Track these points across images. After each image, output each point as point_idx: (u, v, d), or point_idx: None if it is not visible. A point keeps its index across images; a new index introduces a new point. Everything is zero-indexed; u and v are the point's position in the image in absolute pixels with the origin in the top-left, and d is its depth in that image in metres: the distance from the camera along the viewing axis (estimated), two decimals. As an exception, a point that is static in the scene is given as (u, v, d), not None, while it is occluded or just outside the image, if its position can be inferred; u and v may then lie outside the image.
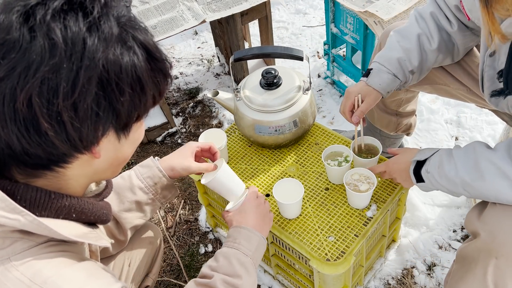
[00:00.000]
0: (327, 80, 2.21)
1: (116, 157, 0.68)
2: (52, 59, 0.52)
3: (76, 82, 0.53)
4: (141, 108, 0.63)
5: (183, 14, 1.80)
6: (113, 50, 0.56)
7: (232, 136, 1.47)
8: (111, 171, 0.71)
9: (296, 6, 2.77)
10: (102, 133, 0.60)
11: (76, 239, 0.62)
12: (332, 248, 1.12)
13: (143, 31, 0.62)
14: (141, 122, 0.68)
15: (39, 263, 0.59)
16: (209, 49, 2.60)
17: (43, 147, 0.56)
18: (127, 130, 0.64)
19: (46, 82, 0.52)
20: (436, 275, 1.45)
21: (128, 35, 0.58)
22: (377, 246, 1.35)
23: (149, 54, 0.61)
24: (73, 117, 0.55)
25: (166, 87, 0.67)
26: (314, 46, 2.46)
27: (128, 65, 0.57)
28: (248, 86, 1.32)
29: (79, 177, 0.66)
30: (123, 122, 0.61)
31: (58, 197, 0.62)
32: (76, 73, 0.53)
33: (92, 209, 0.69)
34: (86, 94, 0.54)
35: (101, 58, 0.54)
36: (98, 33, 0.55)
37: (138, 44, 0.59)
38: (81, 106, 0.54)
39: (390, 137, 1.64)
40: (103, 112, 0.57)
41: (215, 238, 1.68)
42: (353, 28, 1.78)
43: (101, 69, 0.54)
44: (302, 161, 1.35)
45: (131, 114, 0.61)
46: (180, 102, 2.30)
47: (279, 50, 1.26)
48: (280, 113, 1.27)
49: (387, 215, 1.24)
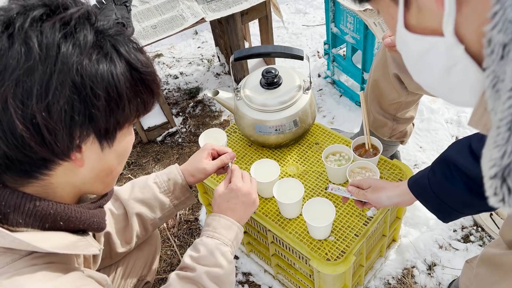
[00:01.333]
0: (327, 80, 2.21)
1: (102, 168, 0.67)
2: (27, 62, 0.54)
3: (50, 85, 0.55)
4: (121, 116, 0.63)
5: (183, 13, 1.80)
6: (88, 56, 0.57)
7: (232, 136, 1.47)
8: (101, 184, 0.71)
9: (296, 6, 2.77)
10: (80, 138, 0.60)
11: (59, 251, 0.62)
12: (332, 248, 1.12)
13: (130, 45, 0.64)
14: (126, 133, 0.68)
15: (22, 277, 0.59)
16: (209, 48, 2.60)
17: (21, 151, 0.57)
18: (110, 139, 0.64)
19: (21, 84, 0.54)
20: (437, 274, 1.45)
21: (107, 45, 0.60)
22: (377, 246, 1.35)
23: (131, 65, 0.62)
24: (47, 119, 0.56)
25: (151, 100, 0.68)
26: (314, 45, 2.46)
27: (104, 71, 0.59)
28: (248, 86, 1.32)
29: (66, 185, 0.66)
30: (103, 128, 0.61)
31: (43, 204, 0.62)
32: (49, 76, 0.55)
33: (80, 217, 0.68)
34: (60, 97, 0.55)
35: (75, 63, 0.56)
36: (73, 40, 0.57)
37: (118, 54, 0.61)
38: (54, 109, 0.56)
39: (384, 143, 1.61)
40: (78, 115, 0.58)
41: (215, 238, 1.67)
42: (353, 28, 1.78)
43: (75, 73, 0.56)
44: (302, 161, 1.35)
45: (109, 120, 0.61)
46: (180, 101, 2.30)
47: (279, 49, 1.26)
48: (280, 112, 1.27)
49: (387, 215, 1.24)
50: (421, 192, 0.94)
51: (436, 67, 0.48)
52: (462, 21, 0.42)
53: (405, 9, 0.48)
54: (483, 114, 0.45)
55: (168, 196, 1.04)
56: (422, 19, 0.47)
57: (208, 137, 1.33)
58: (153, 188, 1.03)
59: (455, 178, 0.86)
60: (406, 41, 0.50)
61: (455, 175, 0.86)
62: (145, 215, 1.02)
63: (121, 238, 1.02)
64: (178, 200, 1.06)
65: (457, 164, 0.85)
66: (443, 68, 0.47)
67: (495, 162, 0.39)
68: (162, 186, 1.03)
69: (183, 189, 1.05)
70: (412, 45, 0.50)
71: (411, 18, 0.48)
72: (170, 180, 1.04)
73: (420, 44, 0.48)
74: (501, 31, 0.36)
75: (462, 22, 0.42)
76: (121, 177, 1.97)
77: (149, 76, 0.65)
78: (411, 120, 1.53)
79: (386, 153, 1.65)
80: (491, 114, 0.41)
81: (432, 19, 0.45)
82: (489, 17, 0.37)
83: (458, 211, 0.91)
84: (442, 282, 1.43)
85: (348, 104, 2.08)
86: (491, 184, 0.40)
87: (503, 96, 0.37)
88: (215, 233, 0.94)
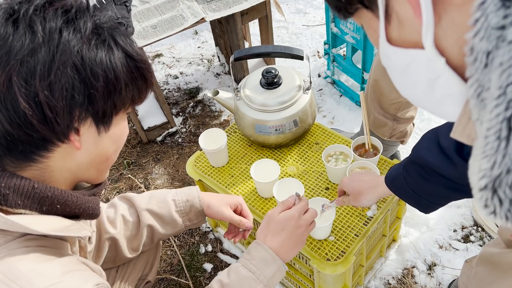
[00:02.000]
0: (327, 80, 2.21)
1: (98, 154, 0.70)
2: (31, 44, 0.58)
3: (52, 65, 0.58)
4: (118, 99, 0.66)
5: (183, 13, 1.80)
6: (88, 41, 0.62)
7: (232, 136, 1.47)
8: (96, 170, 0.73)
9: (296, 6, 2.77)
10: (79, 118, 0.63)
11: (52, 233, 0.64)
12: (332, 248, 1.12)
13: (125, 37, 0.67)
14: (121, 118, 0.71)
15: (14, 258, 0.61)
16: (209, 48, 2.60)
17: (23, 130, 0.60)
18: (106, 123, 0.67)
19: (25, 64, 0.58)
20: (437, 274, 1.45)
21: (104, 33, 0.64)
22: (377, 246, 1.35)
23: (127, 53, 0.66)
24: (49, 97, 0.59)
25: (145, 87, 0.71)
26: (314, 45, 2.46)
27: (102, 55, 0.63)
28: (248, 86, 1.32)
29: (62, 170, 0.68)
30: (100, 110, 0.64)
31: (42, 187, 0.65)
32: (52, 57, 0.58)
33: (77, 201, 0.70)
34: (61, 76, 0.59)
35: (76, 46, 0.60)
36: (74, 26, 0.61)
37: (115, 43, 0.65)
38: (56, 87, 0.59)
39: (384, 143, 1.62)
40: (78, 95, 0.61)
41: (215, 238, 1.67)
42: (353, 28, 1.78)
43: (75, 55, 0.60)
44: (302, 161, 1.35)
45: (107, 102, 0.64)
46: (180, 101, 2.30)
47: (280, 49, 1.26)
48: (280, 112, 1.27)
49: (388, 215, 1.24)
50: (400, 190, 0.96)
51: (419, 80, 0.48)
52: (442, 33, 0.42)
53: (386, 22, 0.47)
54: (466, 124, 0.44)
55: (183, 216, 1.04)
56: (402, 32, 0.46)
57: (208, 137, 1.33)
58: (170, 205, 1.03)
59: (431, 177, 0.87)
60: (389, 55, 0.50)
61: (430, 174, 0.87)
62: (156, 228, 1.02)
63: (129, 245, 1.02)
64: (191, 222, 1.06)
65: (430, 165, 0.86)
66: (426, 81, 0.47)
67: (484, 173, 0.37)
68: (179, 205, 1.04)
69: (198, 213, 1.05)
70: (395, 58, 0.49)
71: (392, 31, 0.48)
72: (188, 201, 1.04)
73: (402, 58, 0.48)
74: (483, 38, 0.35)
75: (441, 35, 0.42)
76: (121, 177, 1.97)
77: (144, 65, 0.69)
78: (411, 120, 1.53)
79: (386, 153, 1.65)
80: (476, 124, 0.40)
81: (412, 32, 0.45)
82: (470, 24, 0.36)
83: (438, 204, 0.93)
84: (442, 282, 1.43)
85: (348, 104, 2.08)
86: (481, 196, 0.39)
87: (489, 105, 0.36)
88: (251, 264, 0.89)
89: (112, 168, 2.02)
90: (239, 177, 1.34)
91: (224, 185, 1.32)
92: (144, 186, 1.91)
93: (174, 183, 1.91)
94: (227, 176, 1.35)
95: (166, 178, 1.94)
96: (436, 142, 0.85)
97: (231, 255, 1.62)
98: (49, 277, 0.62)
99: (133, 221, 1.02)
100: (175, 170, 1.96)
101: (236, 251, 1.62)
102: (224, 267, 1.58)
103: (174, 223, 1.04)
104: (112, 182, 1.96)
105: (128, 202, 1.04)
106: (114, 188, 1.93)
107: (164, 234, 1.04)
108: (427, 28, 0.41)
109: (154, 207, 1.02)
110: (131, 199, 1.04)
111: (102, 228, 0.99)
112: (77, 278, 0.65)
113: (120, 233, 1.00)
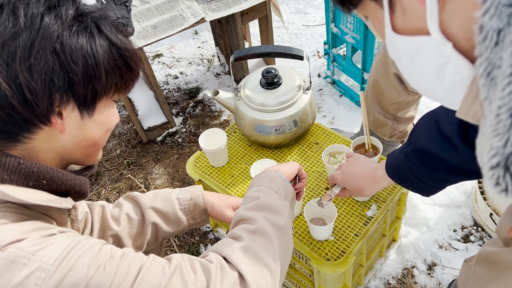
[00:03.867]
0: (327, 80, 2.21)
1: (83, 137, 0.71)
2: (13, 28, 0.61)
3: (32, 48, 0.61)
4: (98, 84, 0.67)
5: (183, 13, 1.80)
6: (69, 28, 0.64)
7: (232, 136, 1.47)
8: (83, 154, 0.75)
9: (296, 6, 2.77)
10: (61, 102, 0.65)
11: (30, 201, 0.65)
12: (332, 248, 1.12)
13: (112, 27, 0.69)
14: (107, 105, 0.72)
15: None
16: (209, 48, 2.60)
17: (5, 110, 0.62)
18: (89, 108, 0.69)
19: (6, 47, 0.60)
20: (437, 274, 1.45)
21: (88, 20, 0.66)
22: (377, 246, 1.35)
23: (110, 41, 0.68)
24: (29, 79, 0.61)
25: (130, 76, 0.73)
26: (314, 45, 2.46)
27: (83, 41, 0.65)
28: (248, 86, 1.32)
29: (48, 151, 0.70)
30: (81, 95, 0.66)
31: (27, 163, 0.66)
32: (32, 41, 0.61)
33: (63, 177, 0.71)
34: (41, 59, 0.61)
35: (56, 31, 0.62)
36: (56, 12, 0.63)
37: (99, 30, 0.67)
38: (35, 70, 0.61)
39: (384, 143, 1.62)
40: (57, 79, 0.63)
41: (215, 238, 1.68)
42: (353, 28, 1.78)
43: (55, 40, 0.62)
44: (302, 161, 1.35)
45: (87, 87, 0.66)
46: (180, 101, 2.30)
47: (280, 49, 1.26)
48: (280, 112, 1.27)
49: (388, 215, 1.24)
50: (403, 179, 0.95)
51: (428, 68, 0.48)
52: (447, 18, 0.42)
53: (390, 12, 0.47)
54: (472, 103, 0.44)
55: (187, 215, 1.05)
56: (407, 20, 0.46)
57: (208, 137, 1.33)
58: (174, 203, 1.04)
59: (434, 163, 0.87)
60: (395, 44, 0.50)
61: (433, 160, 0.87)
62: (160, 226, 1.03)
63: (133, 243, 1.03)
64: (195, 220, 1.06)
65: (434, 152, 0.86)
66: (435, 68, 0.47)
67: (497, 151, 0.37)
68: (183, 203, 1.04)
69: (201, 212, 1.06)
70: (402, 47, 0.49)
71: (397, 20, 0.48)
72: (192, 200, 1.05)
73: (409, 46, 0.48)
74: (494, 16, 0.35)
75: (447, 20, 0.42)
76: (121, 177, 1.97)
77: (128, 53, 0.70)
78: (411, 120, 1.53)
79: (386, 153, 1.64)
80: (484, 103, 0.40)
81: (417, 19, 0.45)
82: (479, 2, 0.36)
83: (441, 187, 0.93)
84: (442, 282, 1.43)
85: (348, 104, 2.08)
86: (492, 174, 0.39)
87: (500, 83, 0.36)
88: (249, 188, 0.91)
89: (112, 168, 2.02)
90: (239, 177, 1.34)
91: (224, 185, 1.32)
92: (144, 186, 1.91)
93: (174, 183, 1.91)
94: (227, 176, 1.35)
95: (166, 178, 1.94)
96: (437, 129, 0.84)
97: (231, 255, 1.62)
98: (17, 232, 0.62)
99: (137, 219, 1.02)
100: (175, 170, 1.96)
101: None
102: (224, 267, 1.59)
103: (178, 221, 1.04)
104: (112, 182, 1.96)
105: (133, 201, 1.05)
106: (114, 188, 1.93)
107: (168, 232, 1.05)
108: (431, 13, 0.41)
109: (158, 205, 1.03)
110: (136, 198, 1.04)
111: (105, 225, 1.00)
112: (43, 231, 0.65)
113: (124, 231, 1.01)
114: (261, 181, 0.89)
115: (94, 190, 1.93)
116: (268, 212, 0.82)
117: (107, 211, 1.02)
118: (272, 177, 0.90)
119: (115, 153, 2.09)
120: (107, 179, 1.97)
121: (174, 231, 1.05)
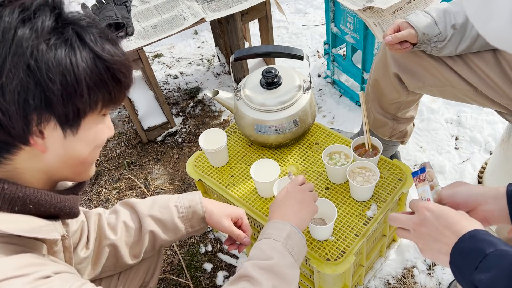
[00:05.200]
0: (327, 80, 2.21)
1: (69, 156, 0.67)
2: None
3: (3, 67, 0.56)
4: (80, 102, 0.62)
5: (183, 13, 1.80)
6: (45, 41, 0.58)
7: (232, 136, 1.47)
8: (71, 172, 0.71)
9: (296, 6, 2.77)
10: (39, 123, 0.60)
11: (16, 233, 0.61)
12: (332, 248, 1.12)
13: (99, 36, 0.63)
14: (95, 121, 0.67)
15: None
16: (209, 48, 2.60)
17: None
18: (73, 126, 0.64)
19: None
20: (437, 274, 1.45)
21: (69, 31, 0.60)
22: (377, 246, 1.35)
23: (95, 53, 0.62)
24: (1, 100, 0.56)
25: (118, 90, 0.67)
26: (314, 45, 2.46)
27: (61, 56, 0.58)
28: (248, 86, 1.32)
29: (32, 171, 0.66)
30: (62, 114, 0.61)
31: (12, 187, 0.63)
32: (4, 59, 0.56)
33: (51, 201, 0.67)
34: (13, 78, 0.56)
35: (30, 47, 0.56)
36: (31, 24, 0.57)
37: (82, 42, 0.61)
38: (7, 90, 0.56)
39: (384, 143, 1.61)
40: (32, 98, 0.58)
41: (215, 238, 1.68)
42: (353, 28, 1.78)
43: (29, 56, 0.56)
44: (302, 161, 1.35)
45: (67, 106, 0.61)
46: (180, 101, 2.30)
47: (279, 49, 1.26)
48: (280, 112, 1.27)
49: (387, 215, 1.24)
50: None
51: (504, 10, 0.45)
52: None
53: None
54: None
55: (185, 222, 1.03)
56: None
57: (208, 137, 1.33)
58: (172, 210, 1.02)
59: None
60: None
61: None
62: (158, 235, 1.02)
63: (130, 251, 1.01)
64: (193, 228, 1.05)
65: None
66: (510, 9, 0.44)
67: None
68: (181, 211, 1.03)
69: (200, 220, 1.05)
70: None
71: None
72: (191, 207, 1.03)
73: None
74: None
75: None
76: (121, 177, 1.97)
77: (115, 65, 0.64)
78: (411, 120, 1.53)
79: (386, 153, 1.65)
80: None
81: None
82: None
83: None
84: (442, 282, 1.43)
85: (348, 104, 2.08)
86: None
87: None
88: (263, 235, 0.90)
89: (112, 168, 2.02)
90: (239, 177, 1.34)
91: (224, 185, 1.32)
92: (144, 186, 1.91)
93: (174, 183, 1.91)
94: (227, 176, 1.35)
95: (166, 178, 1.94)
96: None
97: (231, 255, 1.62)
98: (10, 268, 0.59)
99: (135, 227, 1.01)
100: (175, 170, 1.96)
101: (236, 251, 1.62)
102: (224, 267, 1.59)
103: (176, 229, 1.03)
104: (112, 182, 1.96)
105: (130, 208, 1.03)
106: (114, 188, 1.93)
107: (166, 240, 1.03)
108: None
109: (156, 213, 1.01)
110: (134, 205, 1.02)
111: (102, 234, 0.98)
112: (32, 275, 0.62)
113: (121, 240, 0.99)
114: (278, 233, 0.88)
115: (94, 190, 1.93)
116: (278, 280, 0.81)
117: (103, 219, 1.00)
118: (290, 233, 0.89)
119: (115, 153, 2.09)
120: (107, 179, 1.97)
121: (172, 239, 1.04)
